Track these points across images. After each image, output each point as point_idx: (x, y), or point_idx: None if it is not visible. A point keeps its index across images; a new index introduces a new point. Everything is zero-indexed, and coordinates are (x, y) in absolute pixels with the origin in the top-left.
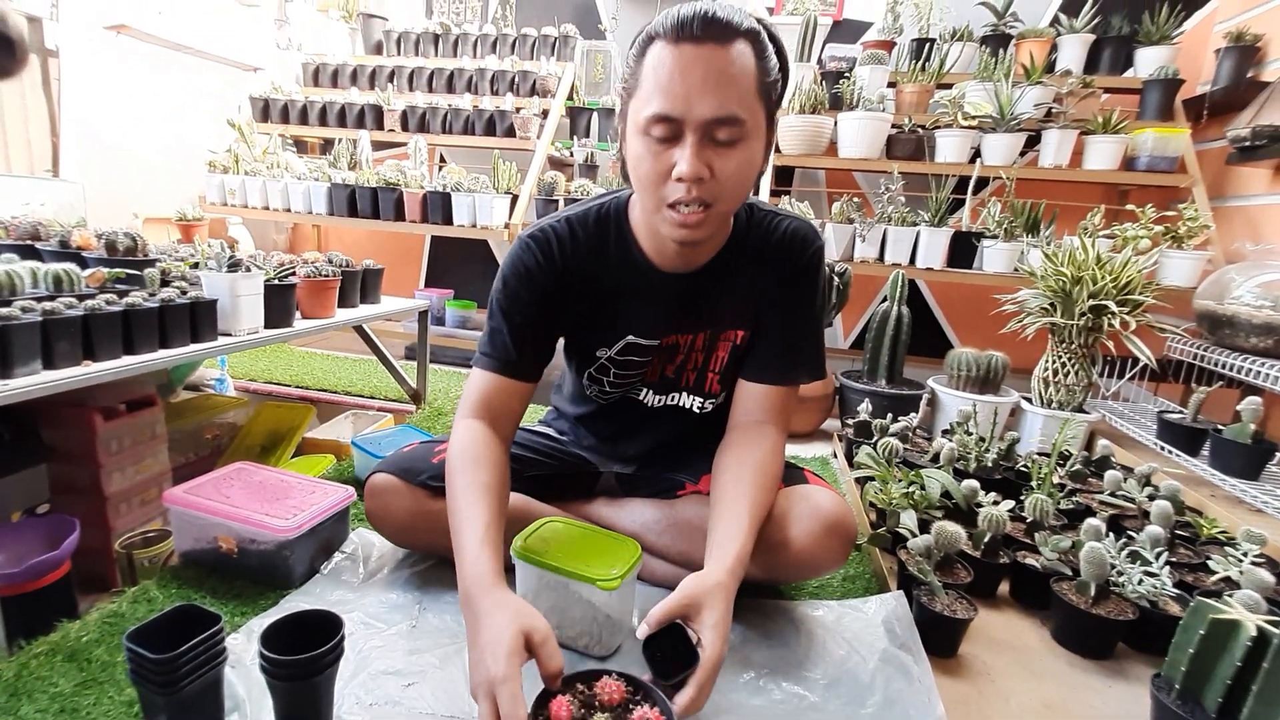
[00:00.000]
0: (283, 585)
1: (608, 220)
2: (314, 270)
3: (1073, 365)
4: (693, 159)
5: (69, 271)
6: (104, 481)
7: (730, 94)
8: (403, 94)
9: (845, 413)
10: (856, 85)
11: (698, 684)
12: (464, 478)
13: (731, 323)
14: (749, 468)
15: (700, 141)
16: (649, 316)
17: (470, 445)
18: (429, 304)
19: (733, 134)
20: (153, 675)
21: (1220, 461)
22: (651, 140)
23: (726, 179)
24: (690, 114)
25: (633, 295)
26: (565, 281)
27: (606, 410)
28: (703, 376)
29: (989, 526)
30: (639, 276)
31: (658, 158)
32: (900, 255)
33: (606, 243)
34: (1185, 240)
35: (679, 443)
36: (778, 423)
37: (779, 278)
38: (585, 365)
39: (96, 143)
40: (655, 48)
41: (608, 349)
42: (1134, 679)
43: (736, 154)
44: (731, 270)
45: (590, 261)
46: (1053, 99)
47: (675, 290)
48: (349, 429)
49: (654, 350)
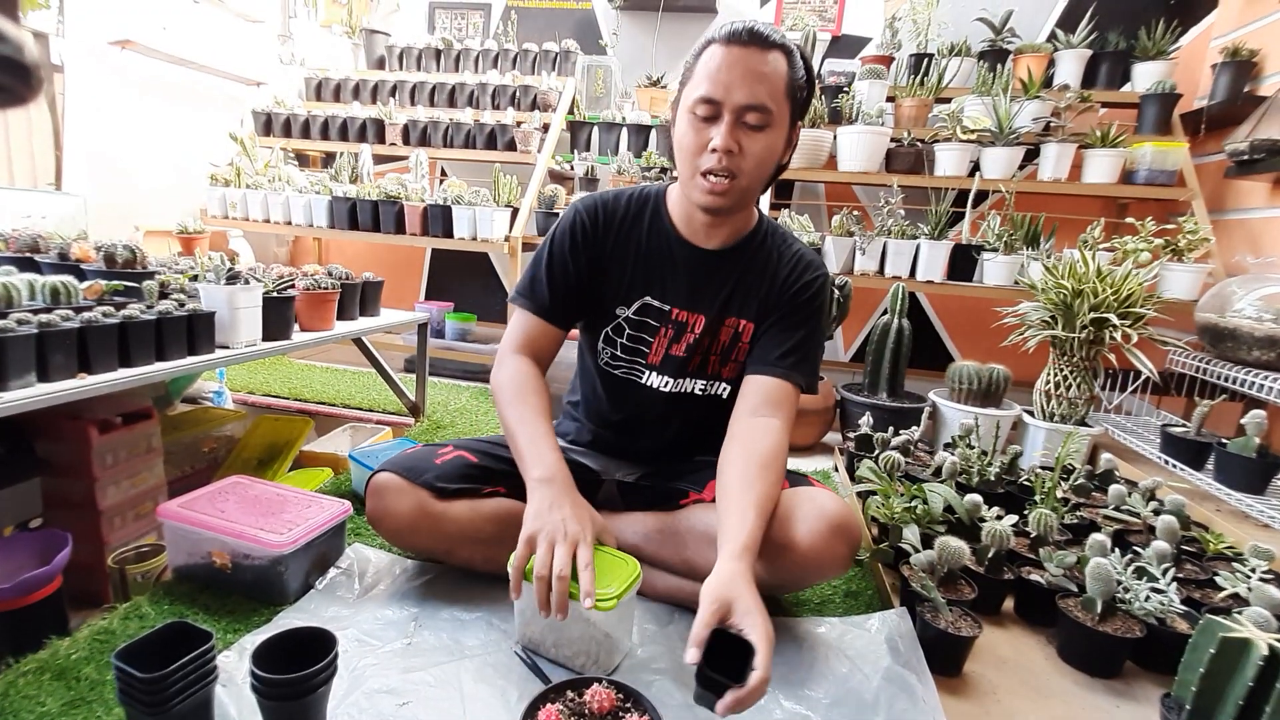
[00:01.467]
0: (277, 601)
1: (648, 199)
2: (313, 283)
3: (1074, 378)
4: (727, 134)
5: (66, 284)
6: (98, 495)
7: (762, 88)
8: (404, 108)
9: (846, 426)
10: (856, 100)
11: (763, 663)
12: (522, 401)
13: (738, 310)
14: (754, 462)
15: (734, 122)
16: (667, 282)
17: (520, 376)
18: (429, 316)
19: (761, 120)
20: (141, 695)
21: (1225, 475)
22: (696, 118)
23: (751, 156)
24: (729, 98)
25: (657, 262)
26: (604, 244)
27: (615, 392)
28: (705, 360)
29: (993, 541)
30: (666, 245)
31: (699, 133)
32: (900, 268)
33: (644, 216)
34: (1185, 253)
35: (683, 442)
36: (781, 416)
37: (784, 290)
38: (603, 324)
39: (100, 156)
40: (710, 48)
41: (626, 308)
42: (1142, 699)
43: (762, 137)
44: (745, 261)
45: (628, 230)
46: (1051, 113)
47: (695, 263)
48: (347, 442)
49: (665, 320)
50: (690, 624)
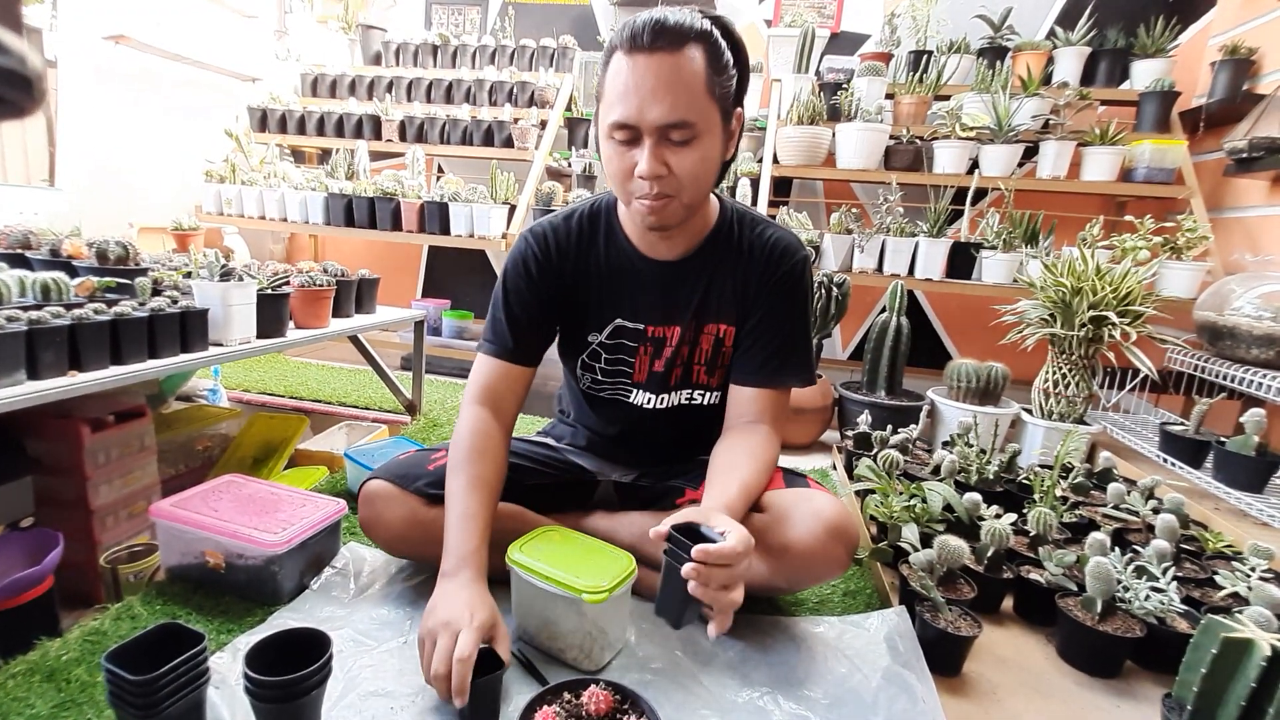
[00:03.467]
0: (271, 601)
1: (599, 215)
2: (308, 280)
3: (1073, 376)
4: (650, 160)
5: (57, 280)
6: (90, 494)
7: (679, 100)
8: (401, 105)
9: (844, 424)
10: (854, 97)
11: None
12: (465, 472)
13: (715, 315)
14: (741, 452)
15: (656, 144)
16: (635, 301)
17: (474, 434)
18: (425, 314)
19: (685, 135)
20: (131, 697)
21: (1224, 474)
22: (616, 143)
23: (684, 174)
24: (644, 120)
25: (621, 281)
26: (561, 272)
27: (604, 411)
28: (689, 370)
29: (993, 540)
30: (626, 262)
31: (622, 158)
32: (899, 266)
33: (598, 233)
34: (1184, 251)
35: (679, 448)
36: (770, 422)
37: (763, 283)
38: (578, 352)
39: (94, 152)
40: (615, 59)
41: (598, 333)
42: (1142, 698)
43: (691, 152)
44: (715, 263)
45: (584, 252)
46: (1050, 111)
47: (659, 276)
48: (343, 440)
49: (641, 339)
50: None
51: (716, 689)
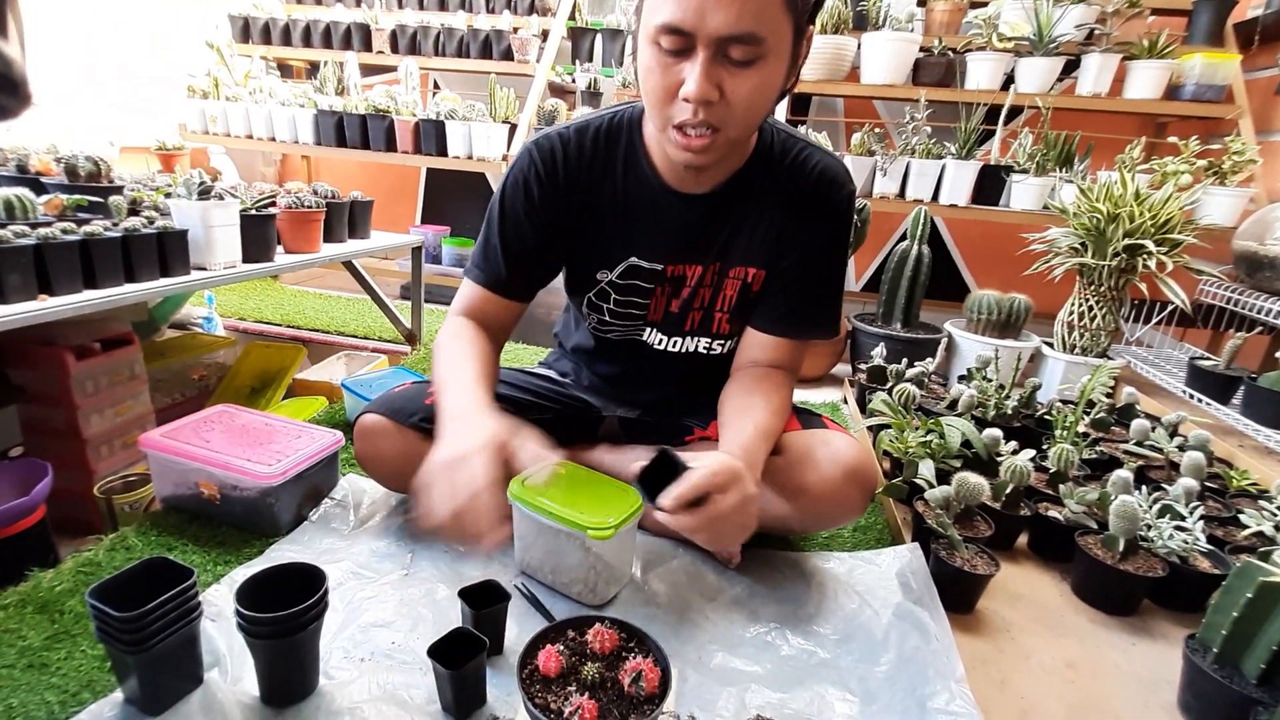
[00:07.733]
0: (269, 533)
1: (619, 131)
2: (295, 200)
3: (1100, 309)
4: (701, 79)
5: (21, 197)
6: (81, 424)
7: (749, 5)
8: (391, 11)
9: (857, 358)
10: (883, 2)
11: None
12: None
13: (743, 258)
14: (757, 397)
15: (711, 59)
16: (655, 239)
17: (458, 330)
18: (423, 240)
19: (749, 53)
20: (119, 634)
21: (1254, 410)
22: (661, 51)
23: (738, 103)
24: (703, 27)
25: (639, 214)
26: (568, 195)
27: (611, 350)
28: (709, 316)
29: (1012, 477)
30: (648, 194)
31: (666, 72)
32: (923, 191)
33: (615, 155)
34: (1229, 176)
35: (689, 390)
36: (785, 370)
37: (801, 219)
38: (585, 289)
39: (70, 65)
40: None
41: (609, 271)
42: (1159, 636)
43: (752, 75)
44: (749, 198)
45: (597, 175)
46: (1096, 19)
47: (685, 212)
48: (341, 370)
49: (658, 279)
50: (694, 557)
51: (724, 624)
